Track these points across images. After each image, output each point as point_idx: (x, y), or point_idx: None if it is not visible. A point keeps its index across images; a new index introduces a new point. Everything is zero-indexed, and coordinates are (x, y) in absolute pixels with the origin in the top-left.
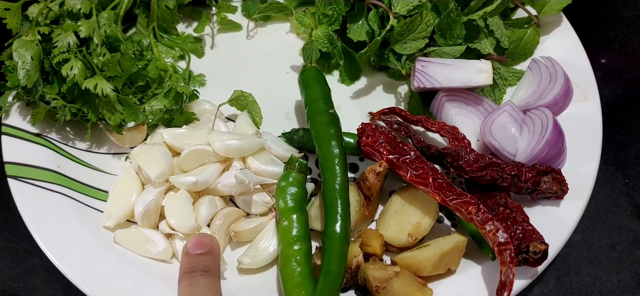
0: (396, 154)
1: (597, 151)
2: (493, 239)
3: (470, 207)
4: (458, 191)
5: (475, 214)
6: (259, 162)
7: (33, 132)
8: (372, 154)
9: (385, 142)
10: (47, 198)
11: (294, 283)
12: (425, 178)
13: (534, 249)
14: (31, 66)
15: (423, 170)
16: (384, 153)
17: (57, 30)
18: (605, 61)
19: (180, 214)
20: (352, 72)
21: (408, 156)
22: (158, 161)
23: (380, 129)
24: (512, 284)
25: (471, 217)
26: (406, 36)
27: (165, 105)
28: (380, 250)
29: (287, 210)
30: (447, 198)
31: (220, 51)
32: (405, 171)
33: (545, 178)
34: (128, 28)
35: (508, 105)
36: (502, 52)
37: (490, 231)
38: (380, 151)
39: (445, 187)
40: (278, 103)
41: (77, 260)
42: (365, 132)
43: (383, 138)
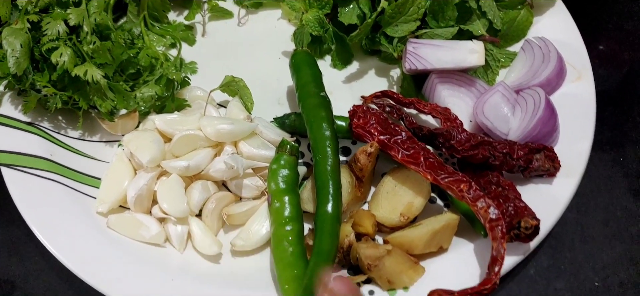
0: (387, 135)
1: (590, 130)
2: (484, 216)
3: (461, 185)
4: (449, 170)
5: (466, 192)
6: (250, 146)
7: (25, 121)
8: (364, 136)
9: (376, 124)
10: (40, 185)
11: (286, 262)
12: (416, 158)
13: (525, 224)
14: (21, 53)
15: (414, 150)
16: (375, 134)
17: (47, 18)
18: (600, 42)
19: (173, 198)
20: (344, 56)
21: (399, 136)
22: (149, 147)
23: (371, 111)
24: (503, 259)
25: (462, 195)
26: (397, 19)
27: (157, 92)
28: (372, 230)
29: (278, 192)
30: (438, 177)
31: (211, 39)
32: (397, 152)
33: (538, 156)
34: (119, 17)
35: (500, 85)
36: (495, 34)
37: (481, 208)
38: (371, 132)
39: (437, 166)
40: (270, 89)
41: (71, 245)
42: (357, 114)
43: (374, 119)
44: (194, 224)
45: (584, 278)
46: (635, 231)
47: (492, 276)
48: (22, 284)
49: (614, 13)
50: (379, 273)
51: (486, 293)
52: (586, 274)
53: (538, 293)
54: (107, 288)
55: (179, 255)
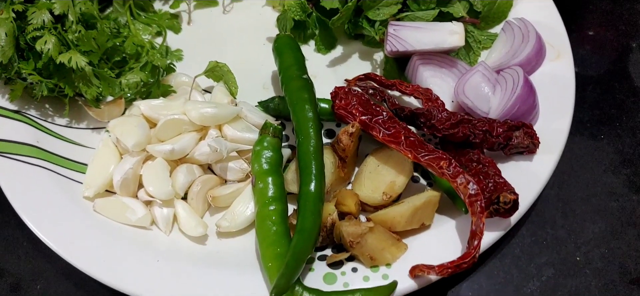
0: (368, 115)
1: (570, 107)
2: (464, 192)
3: (441, 162)
4: (430, 148)
5: (446, 169)
6: (234, 129)
7: (12, 109)
8: (346, 117)
9: (358, 105)
10: (27, 171)
11: (269, 241)
12: (397, 137)
13: (504, 199)
14: (6, 42)
15: (395, 130)
16: (356, 114)
17: (32, 8)
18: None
19: (158, 181)
20: (328, 40)
21: (380, 116)
22: (135, 131)
23: (353, 93)
24: (482, 233)
25: (442, 171)
26: (379, 2)
27: (142, 78)
28: (355, 208)
29: (262, 173)
30: (419, 155)
31: (197, 27)
32: (378, 131)
33: (517, 133)
34: (105, 8)
35: (481, 65)
36: (476, 16)
37: (461, 184)
38: (353, 113)
39: (417, 145)
40: (255, 74)
41: (58, 229)
42: (338, 96)
43: (356, 100)
44: (180, 206)
45: (566, 254)
46: (616, 206)
47: (472, 250)
48: (10, 269)
49: None
50: (361, 250)
51: (465, 266)
52: (568, 249)
53: (521, 269)
54: (94, 270)
55: (165, 237)
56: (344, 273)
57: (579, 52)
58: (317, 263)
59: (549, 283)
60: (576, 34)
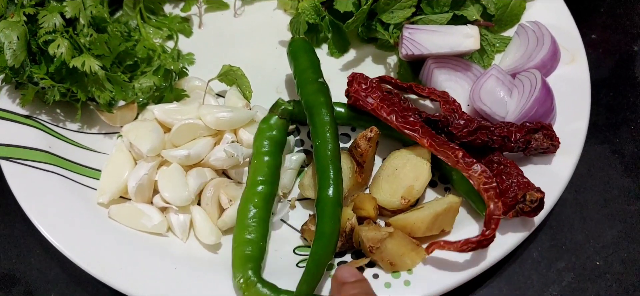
0: (387, 101)
1: (586, 108)
2: (478, 180)
3: (457, 151)
4: (444, 139)
5: (461, 159)
6: (250, 134)
7: (23, 114)
8: (362, 102)
9: (376, 89)
10: (40, 177)
11: (243, 224)
12: (413, 125)
13: (530, 197)
14: (18, 46)
15: (413, 119)
16: (375, 98)
17: (43, 11)
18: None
19: (174, 187)
20: (341, 44)
21: (396, 106)
22: (149, 136)
23: (370, 80)
24: (499, 217)
25: (458, 160)
26: (393, 5)
27: (155, 82)
28: (374, 212)
29: (260, 152)
30: (435, 143)
31: (208, 30)
32: (396, 117)
33: (536, 135)
34: (115, 11)
35: (494, 69)
36: (490, 19)
37: (475, 172)
38: (371, 96)
39: (433, 135)
40: (268, 78)
41: (72, 236)
42: (356, 79)
43: (374, 86)
44: (197, 212)
45: (585, 258)
46: (634, 209)
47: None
48: (23, 278)
49: None
50: (381, 256)
51: (485, 244)
52: (587, 254)
53: (541, 274)
54: (111, 278)
55: (182, 244)
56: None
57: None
58: None
59: (570, 288)
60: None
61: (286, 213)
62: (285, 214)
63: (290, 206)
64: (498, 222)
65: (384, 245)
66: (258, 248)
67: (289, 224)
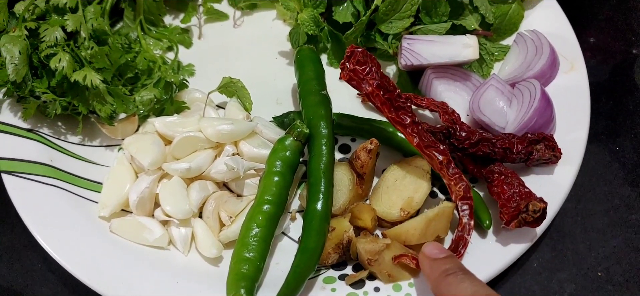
0: (383, 88)
1: (586, 118)
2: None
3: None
4: (433, 140)
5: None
6: (251, 146)
7: (25, 127)
8: (357, 84)
9: (376, 72)
10: (41, 191)
11: (244, 241)
12: (404, 120)
13: (533, 207)
14: (19, 60)
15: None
16: (371, 83)
17: (44, 25)
18: (591, 34)
19: (175, 200)
20: (340, 54)
21: (394, 93)
22: (150, 149)
23: (372, 58)
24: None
25: (441, 166)
26: (391, 16)
27: (155, 95)
28: (371, 223)
29: (271, 171)
30: (422, 143)
31: (208, 41)
32: (388, 109)
33: (538, 147)
34: (115, 22)
35: (493, 79)
36: (488, 28)
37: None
38: (368, 82)
39: (422, 133)
40: (268, 89)
41: (74, 250)
42: (354, 56)
43: (374, 68)
44: (198, 225)
45: (587, 269)
46: (635, 219)
47: (458, 254)
48: (24, 291)
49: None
50: (379, 268)
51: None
52: (589, 264)
53: (542, 285)
54: (112, 293)
55: (183, 257)
56: (366, 293)
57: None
58: (338, 283)
59: None
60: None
61: (287, 225)
62: (286, 227)
63: (291, 218)
64: (467, 244)
65: (382, 257)
66: (255, 267)
67: (289, 236)
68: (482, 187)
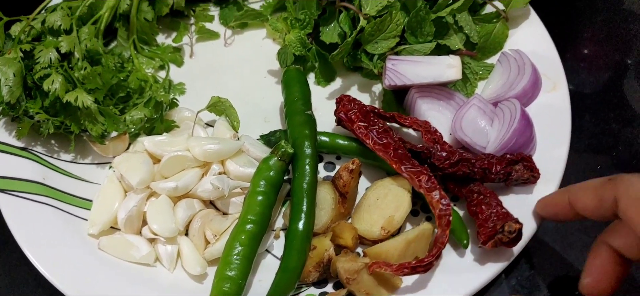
0: (365, 123)
1: (566, 136)
2: (436, 206)
3: (421, 176)
4: (415, 163)
5: (424, 183)
6: (237, 164)
7: (19, 146)
8: (345, 121)
9: (358, 112)
10: (34, 209)
11: (227, 260)
12: (387, 147)
13: (509, 228)
14: (14, 82)
15: (387, 141)
16: (355, 119)
17: (39, 46)
18: (575, 50)
19: (162, 219)
20: (327, 73)
21: (376, 126)
22: (139, 168)
23: (356, 101)
24: (443, 245)
25: (420, 185)
26: (377, 36)
27: (146, 114)
28: (352, 242)
29: (255, 191)
30: (402, 167)
31: (199, 59)
32: (370, 139)
33: (516, 167)
34: (109, 41)
35: (475, 99)
36: (473, 48)
37: (434, 198)
38: (352, 118)
39: (404, 158)
40: (256, 107)
41: (63, 267)
42: (342, 102)
43: (356, 108)
44: (184, 243)
45: (566, 287)
46: None
47: (430, 256)
48: None
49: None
50: (358, 287)
51: (421, 270)
52: (568, 282)
53: None
54: None
55: (169, 274)
56: None
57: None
58: None
59: None
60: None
61: (271, 243)
62: (270, 244)
63: (275, 236)
64: (440, 250)
65: (361, 276)
66: (236, 286)
67: (273, 254)
68: (462, 205)
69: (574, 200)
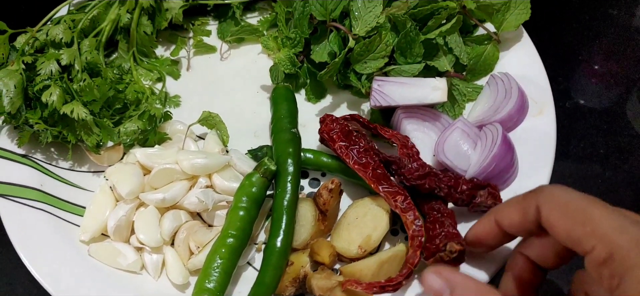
0: (346, 142)
1: (549, 164)
2: (410, 226)
3: (397, 196)
4: (392, 183)
5: (400, 203)
6: (223, 179)
7: (19, 153)
8: (328, 140)
9: (340, 131)
10: (29, 214)
11: (207, 272)
12: (366, 167)
13: (450, 248)
14: (14, 93)
15: (366, 161)
16: (336, 139)
17: (41, 58)
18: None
19: (148, 229)
20: (318, 91)
21: (356, 146)
22: (129, 179)
23: (339, 121)
24: (413, 265)
25: (396, 204)
26: (366, 56)
27: (139, 126)
28: (329, 259)
29: (237, 206)
30: (380, 186)
31: (195, 72)
32: (350, 159)
33: (481, 192)
34: (111, 53)
35: (460, 121)
36: (462, 69)
37: (409, 219)
38: (333, 138)
39: (382, 178)
40: (248, 121)
41: (54, 272)
42: (325, 122)
43: (338, 128)
44: (169, 253)
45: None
46: None
47: (399, 276)
48: None
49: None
50: None
51: (390, 289)
52: None
53: None
54: None
55: (154, 282)
56: None
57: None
58: None
59: None
60: None
61: (252, 256)
62: (252, 257)
63: (257, 249)
64: (410, 270)
65: (334, 294)
66: None
67: (254, 267)
68: None
69: (500, 218)
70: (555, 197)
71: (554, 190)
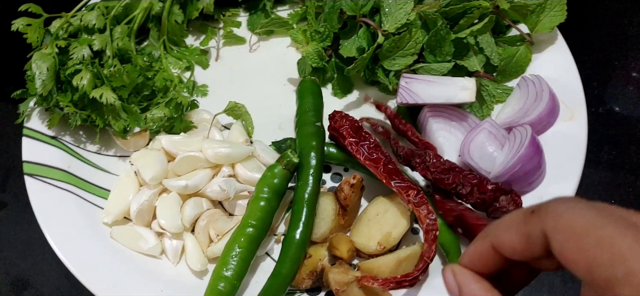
0: (356, 138)
1: (577, 171)
2: (423, 221)
3: (410, 191)
4: (405, 178)
5: (413, 198)
6: (245, 169)
7: (49, 134)
8: (338, 137)
9: (349, 128)
10: (57, 194)
11: (224, 260)
12: (377, 162)
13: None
14: (47, 76)
15: (377, 156)
16: (346, 135)
17: (74, 43)
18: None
19: (170, 215)
20: (345, 85)
21: (367, 142)
22: (153, 165)
23: (348, 117)
24: (429, 259)
25: (409, 199)
26: (395, 53)
27: (166, 113)
28: (347, 254)
29: (258, 196)
30: (392, 181)
31: (223, 63)
32: (361, 155)
33: (503, 197)
34: (142, 40)
35: (487, 122)
36: (493, 69)
37: (422, 213)
38: (343, 134)
39: (394, 173)
40: (273, 113)
41: (76, 251)
42: (334, 118)
43: (348, 124)
44: (189, 240)
45: None
46: None
47: (415, 271)
48: (34, 283)
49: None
50: None
51: (407, 284)
52: None
53: None
54: (102, 293)
55: (173, 268)
56: None
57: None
58: None
59: None
60: None
61: (271, 247)
62: (270, 248)
63: (276, 240)
64: (426, 264)
65: (351, 289)
66: (231, 286)
67: (272, 257)
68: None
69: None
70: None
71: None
